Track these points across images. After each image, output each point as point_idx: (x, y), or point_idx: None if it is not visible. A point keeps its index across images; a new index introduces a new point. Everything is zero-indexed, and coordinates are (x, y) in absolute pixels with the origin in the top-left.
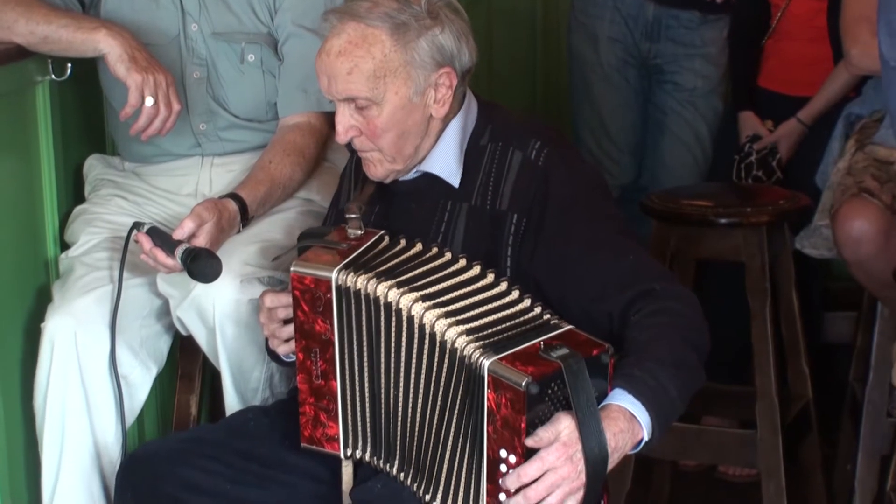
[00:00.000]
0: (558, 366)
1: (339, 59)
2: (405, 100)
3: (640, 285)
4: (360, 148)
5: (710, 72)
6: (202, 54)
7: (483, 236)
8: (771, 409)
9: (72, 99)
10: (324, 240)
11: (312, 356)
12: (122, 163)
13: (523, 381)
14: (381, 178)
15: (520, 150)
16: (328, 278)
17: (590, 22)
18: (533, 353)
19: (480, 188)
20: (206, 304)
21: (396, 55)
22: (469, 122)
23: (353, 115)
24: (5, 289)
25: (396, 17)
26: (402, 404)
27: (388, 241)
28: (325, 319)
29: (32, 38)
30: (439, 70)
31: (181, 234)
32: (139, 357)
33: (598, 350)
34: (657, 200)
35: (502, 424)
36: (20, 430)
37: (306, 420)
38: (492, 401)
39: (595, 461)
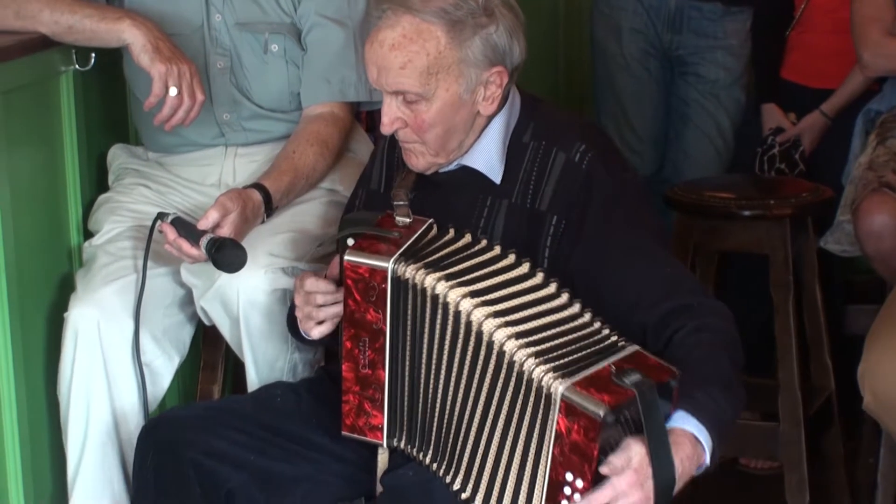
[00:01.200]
0: (633, 394)
1: (392, 52)
2: (455, 97)
3: (676, 299)
4: (403, 139)
5: (732, 64)
6: (226, 44)
7: (521, 234)
8: (793, 402)
9: (96, 89)
10: (373, 227)
11: (361, 345)
12: (146, 152)
13: (601, 411)
14: (422, 169)
15: (563, 152)
16: (384, 269)
17: (612, 13)
18: (605, 377)
19: (521, 186)
20: (230, 293)
21: (450, 52)
22: (512, 118)
23: (401, 108)
24: (29, 277)
25: (453, 14)
26: (442, 396)
27: (436, 231)
28: (377, 309)
29: (57, 28)
30: (491, 69)
31: (206, 225)
32: (162, 346)
33: (668, 376)
34: (680, 192)
35: (571, 449)
36: (44, 418)
37: (350, 408)
38: (562, 426)
39: (664, 488)
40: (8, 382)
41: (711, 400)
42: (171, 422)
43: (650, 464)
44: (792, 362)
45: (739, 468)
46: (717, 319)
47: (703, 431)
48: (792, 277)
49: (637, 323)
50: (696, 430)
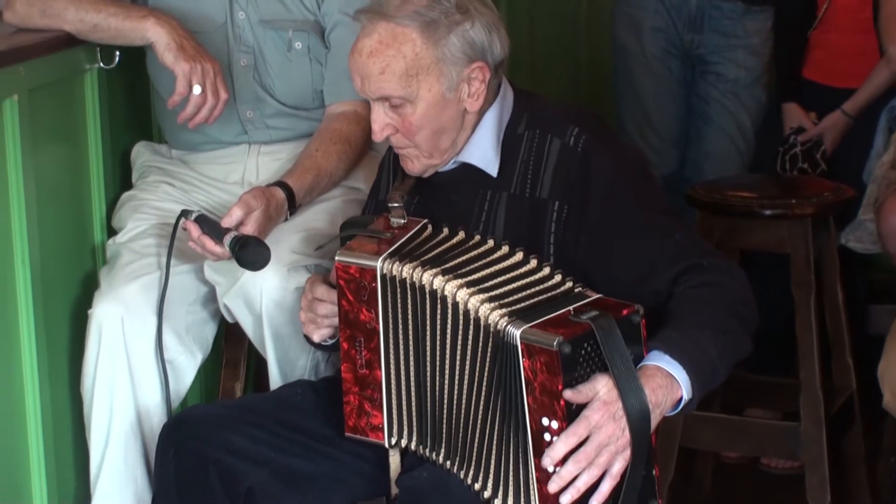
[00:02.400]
0: (589, 326)
1: (370, 59)
2: (438, 96)
3: (687, 260)
4: (396, 145)
5: (752, 63)
6: (249, 42)
7: (524, 224)
8: (815, 402)
9: (119, 87)
10: (367, 229)
11: (357, 345)
12: (170, 150)
13: (554, 341)
14: (419, 172)
15: (558, 137)
16: (373, 267)
17: (633, 12)
18: (563, 318)
19: (519, 176)
20: (253, 291)
21: (427, 53)
22: (505, 111)
23: (388, 114)
24: (53, 274)
25: (426, 15)
26: (448, 392)
27: (430, 230)
28: (369, 308)
29: (82, 27)
30: (471, 65)
31: (229, 222)
32: (185, 343)
33: (629, 311)
34: (702, 191)
35: (540, 391)
36: (67, 414)
37: (350, 409)
38: (527, 368)
39: (637, 417)
40: (32, 379)
41: (688, 339)
42: (192, 420)
43: (619, 396)
44: (813, 362)
45: (760, 468)
46: (725, 277)
47: (674, 365)
48: (813, 277)
49: (650, 291)
50: (666, 365)
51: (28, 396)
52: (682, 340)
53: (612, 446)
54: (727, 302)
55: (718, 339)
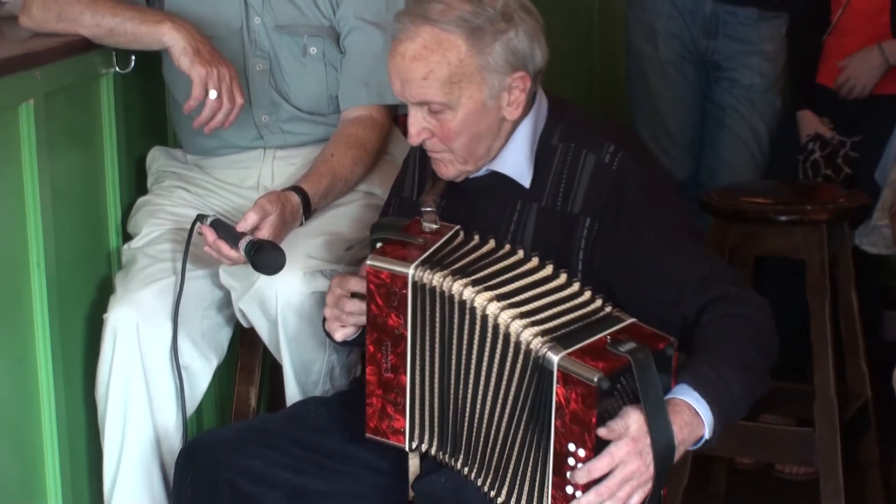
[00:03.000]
0: (627, 360)
1: (413, 64)
2: (479, 104)
3: (715, 290)
4: (431, 149)
5: (767, 69)
6: (265, 47)
7: (553, 237)
8: (829, 408)
9: (135, 91)
10: (399, 232)
11: (383, 349)
12: (185, 155)
13: (595, 376)
14: (452, 177)
15: (593, 153)
16: (405, 274)
17: (648, 17)
18: (601, 347)
19: (551, 189)
20: (268, 296)
21: (472, 60)
22: (539, 121)
23: (427, 118)
24: (68, 279)
25: (472, 22)
26: (471, 400)
27: (462, 237)
28: (398, 314)
29: (98, 31)
30: (514, 74)
31: (245, 227)
32: (200, 348)
33: (664, 344)
34: (717, 197)
35: (571, 419)
36: (82, 419)
37: (373, 411)
38: (561, 395)
39: (662, 455)
40: (47, 383)
41: (717, 376)
42: (206, 444)
43: (648, 432)
44: (828, 368)
45: (775, 474)
46: (751, 309)
47: (702, 404)
48: (828, 283)
49: (677, 316)
50: (695, 403)
51: (43, 401)
52: (711, 377)
53: (635, 481)
54: (754, 337)
55: (743, 378)
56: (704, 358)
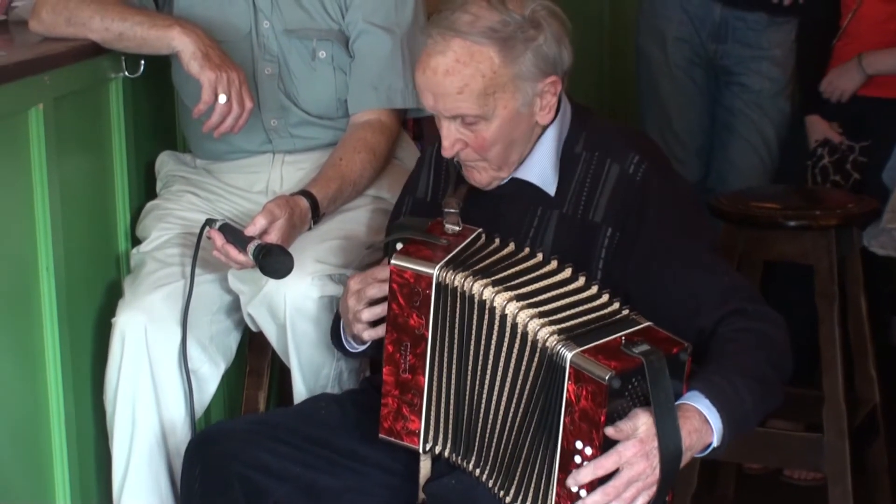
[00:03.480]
0: (640, 362)
1: (447, 79)
2: (514, 112)
3: (732, 305)
4: (465, 159)
5: (776, 74)
6: (274, 51)
7: (572, 244)
8: (838, 413)
9: (144, 96)
10: (422, 233)
11: (402, 349)
12: (194, 159)
13: (606, 375)
14: (486, 184)
15: (617, 164)
16: (429, 275)
17: (658, 22)
18: (615, 347)
19: (573, 197)
20: (277, 300)
21: (505, 71)
22: (564, 128)
23: (460, 130)
24: (77, 283)
25: (501, 31)
26: (486, 400)
27: (484, 240)
28: (420, 315)
29: (107, 35)
30: (545, 79)
31: (253, 231)
32: (208, 352)
33: (678, 349)
34: (726, 202)
35: (580, 416)
36: (90, 422)
37: (388, 412)
38: (571, 392)
39: (669, 459)
40: (56, 387)
41: (729, 386)
42: (217, 436)
43: (657, 435)
44: (836, 373)
45: (783, 479)
46: (767, 325)
47: (712, 412)
48: (837, 288)
49: (695, 329)
50: (705, 410)
51: (52, 404)
52: (724, 387)
53: (641, 483)
54: (768, 352)
55: (756, 391)
56: (718, 368)
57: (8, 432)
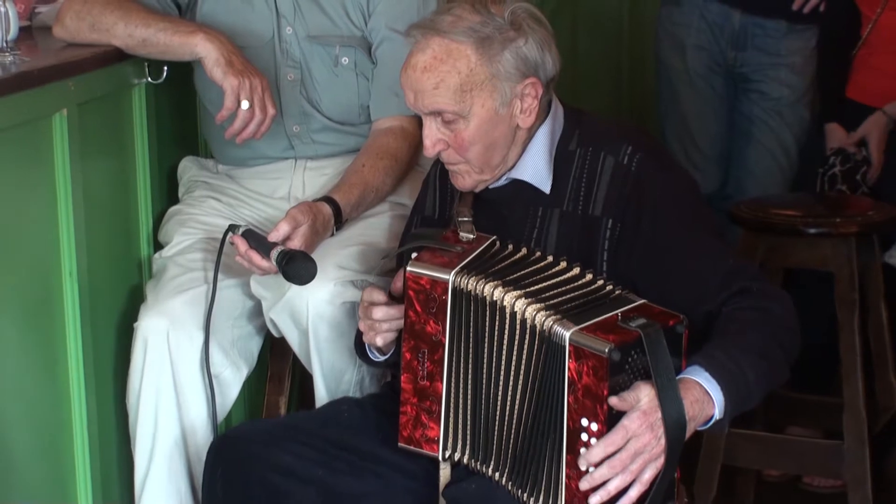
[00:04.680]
0: (638, 334)
1: (424, 75)
2: (492, 112)
3: (737, 284)
4: (447, 161)
5: (795, 82)
6: (296, 57)
7: (576, 241)
8: (858, 421)
9: (167, 102)
10: (438, 241)
11: (420, 356)
12: (216, 165)
13: (606, 347)
14: (470, 188)
15: (612, 156)
16: (445, 280)
17: (676, 30)
18: (612, 322)
19: (572, 193)
20: (299, 306)
21: (482, 69)
22: (556, 128)
23: (441, 129)
24: (100, 288)
25: (480, 31)
26: (500, 403)
27: (498, 246)
28: (437, 321)
29: (131, 42)
30: (524, 81)
31: (276, 237)
32: (230, 357)
33: (674, 321)
34: (745, 209)
35: (584, 393)
36: (113, 426)
37: (406, 420)
38: (573, 370)
39: (674, 428)
40: (79, 391)
41: (729, 360)
42: (239, 438)
43: (659, 406)
44: (857, 381)
45: (802, 486)
46: (772, 303)
47: (712, 384)
48: (857, 295)
49: (703, 313)
50: (705, 383)
51: (74, 408)
52: (723, 360)
53: (647, 454)
54: (772, 328)
55: (758, 365)
56: (718, 343)
57: (31, 435)
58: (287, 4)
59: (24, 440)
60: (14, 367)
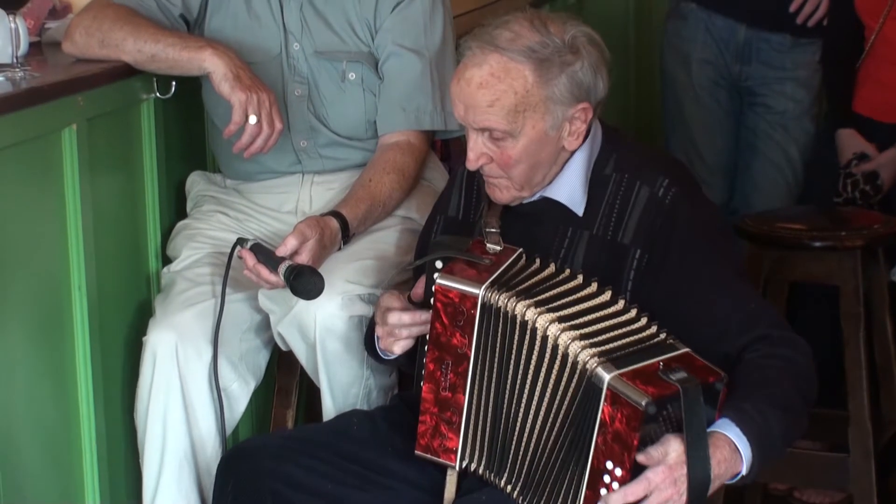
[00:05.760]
0: (677, 389)
1: (479, 91)
2: (542, 133)
3: (757, 331)
4: (488, 174)
5: (801, 95)
6: (303, 72)
7: (601, 266)
8: (864, 434)
9: (175, 116)
10: (464, 252)
11: (443, 368)
12: (224, 180)
13: (643, 400)
14: (506, 202)
15: (647, 186)
16: (475, 295)
17: (682, 44)
18: (652, 372)
19: (603, 218)
20: (307, 320)
21: (537, 91)
22: (594, 149)
23: (487, 144)
24: (108, 302)
25: (540, 52)
26: (522, 419)
27: (525, 261)
28: (464, 334)
29: (140, 57)
30: (577, 105)
31: (284, 251)
32: (238, 371)
33: (714, 378)
34: (751, 223)
35: (613, 437)
36: (121, 440)
37: (425, 429)
38: (606, 413)
39: (697, 487)
40: (88, 405)
41: (759, 414)
42: (250, 451)
43: (686, 462)
44: (862, 394)
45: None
46: (792, 351)
47: (742, 441)
48: (863, 309)
49: (721, 355)
50: (736, 439)
51: (83, 422)
52: (753, 414)
53: None
54: (796, 380)
55: (783, 419)
56: (747, 395)
57: (40, 450)
58: (294, 21)
59: (34, 455)
60: (23, 382)
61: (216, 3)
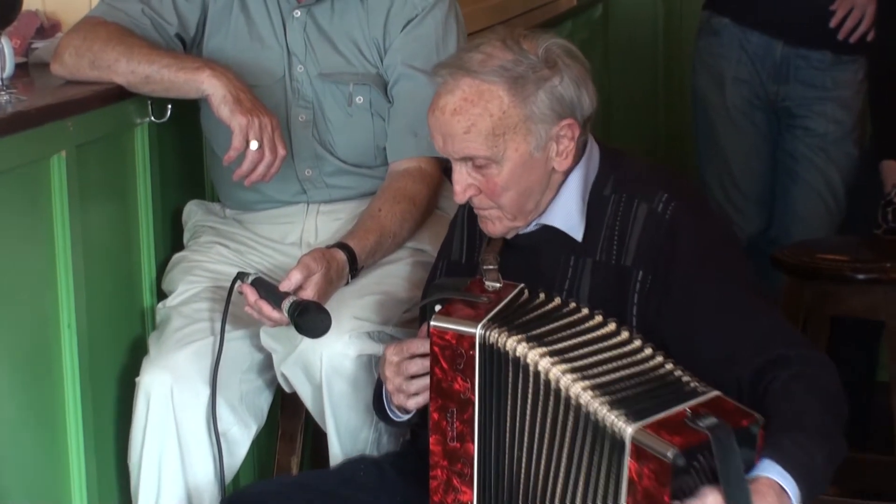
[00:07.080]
0: (706, 437)
1: (454, 118)
2: (526, 156)
3: (772, 351)
4: (478, 206)
5: (843, 116)
6: (308, 96)
7: (609, 292)
8: None
9: (171, 142)
10: (462, 292)
11: (449, 417)
12: (223, 209)
13: (669, 451)
14: (501, 234)
15: (645, 202)
16: (472, 334)
17: (715, 62)
18: (679, 420)
19: (604, 243)
20: (312, 359)
21: (515, 111)
22: (591, 171)
23: (472, 174)
24: (100, 340)
25: (513, 70)
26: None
27: (527, 296)
28: (465, 378)
29: (133, 78)
30: (560, 122)
31: (288, 286)
32: (238, 413)
33: (748, 421)
34: (790, 254)
35: (643, 496)
36: (114, 487)
37: (437, 484)
38: (633, 470)
39: None
40: (78, 450)
41: (799, 448)
42: (250, 498)
43: None
44: None
45: None
46: (815, 369)
47: (788, 480)
48: None
49: (733, 378)
50: (780, 479)
51: (73, 468)
52: (793, 450)
53: None
54: (825, 402)
55: (822, 447)
56: (781, 428)
57: (27, 497)
58: (298, 41)
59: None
60: (9, 426)
61: (215, 23)
